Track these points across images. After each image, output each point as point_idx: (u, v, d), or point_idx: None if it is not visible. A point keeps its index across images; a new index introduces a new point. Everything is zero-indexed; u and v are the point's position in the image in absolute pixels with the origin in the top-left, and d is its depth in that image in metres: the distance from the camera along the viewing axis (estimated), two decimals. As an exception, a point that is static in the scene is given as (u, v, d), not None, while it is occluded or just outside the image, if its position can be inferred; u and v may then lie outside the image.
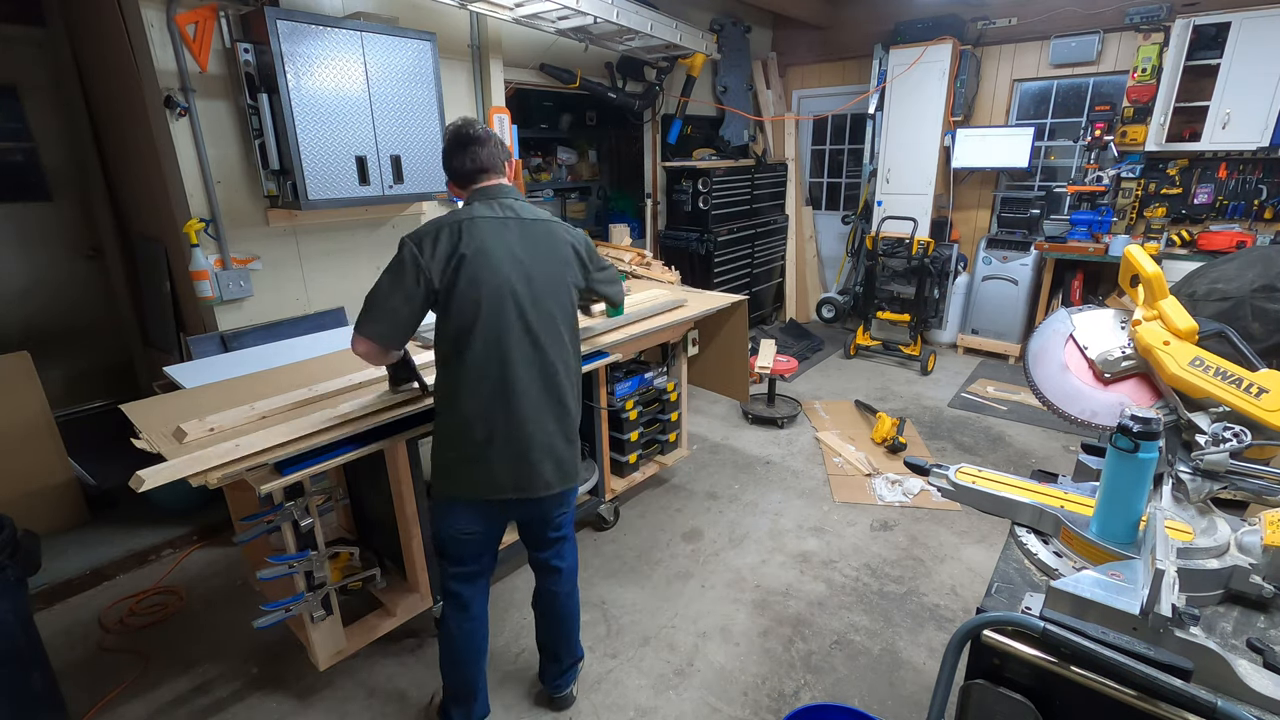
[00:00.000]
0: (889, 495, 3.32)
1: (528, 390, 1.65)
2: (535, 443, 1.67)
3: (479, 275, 1.58)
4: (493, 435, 1.65)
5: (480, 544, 1.81)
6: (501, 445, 1.65)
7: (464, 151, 1.69)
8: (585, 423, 2.83)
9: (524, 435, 1.66)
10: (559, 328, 1.70)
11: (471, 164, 1.70)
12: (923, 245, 5.01)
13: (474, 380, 1.63)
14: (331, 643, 2.07)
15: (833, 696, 2.12)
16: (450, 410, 1.68)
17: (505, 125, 3.95)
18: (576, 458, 1.80)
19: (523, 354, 1.64)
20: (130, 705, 2.13)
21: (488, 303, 1.59)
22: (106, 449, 2.71)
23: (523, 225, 1.67)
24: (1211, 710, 0.84)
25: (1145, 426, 1.10)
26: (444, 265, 1.57)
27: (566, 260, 1.74)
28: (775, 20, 6.30)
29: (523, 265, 1.63)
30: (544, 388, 1.68)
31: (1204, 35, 4.22)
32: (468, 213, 1.64)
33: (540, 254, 1.68)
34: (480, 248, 1.59)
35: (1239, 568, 1.10)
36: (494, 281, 1.59)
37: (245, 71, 2.79)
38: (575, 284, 1.76)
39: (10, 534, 1.79)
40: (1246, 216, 4.51)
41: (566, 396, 1.74)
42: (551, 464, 1.71)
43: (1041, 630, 0.95)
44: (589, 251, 1.84)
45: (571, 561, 2.00)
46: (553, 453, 1.71)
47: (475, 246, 1.58)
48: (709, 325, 3.39)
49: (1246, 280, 1.75)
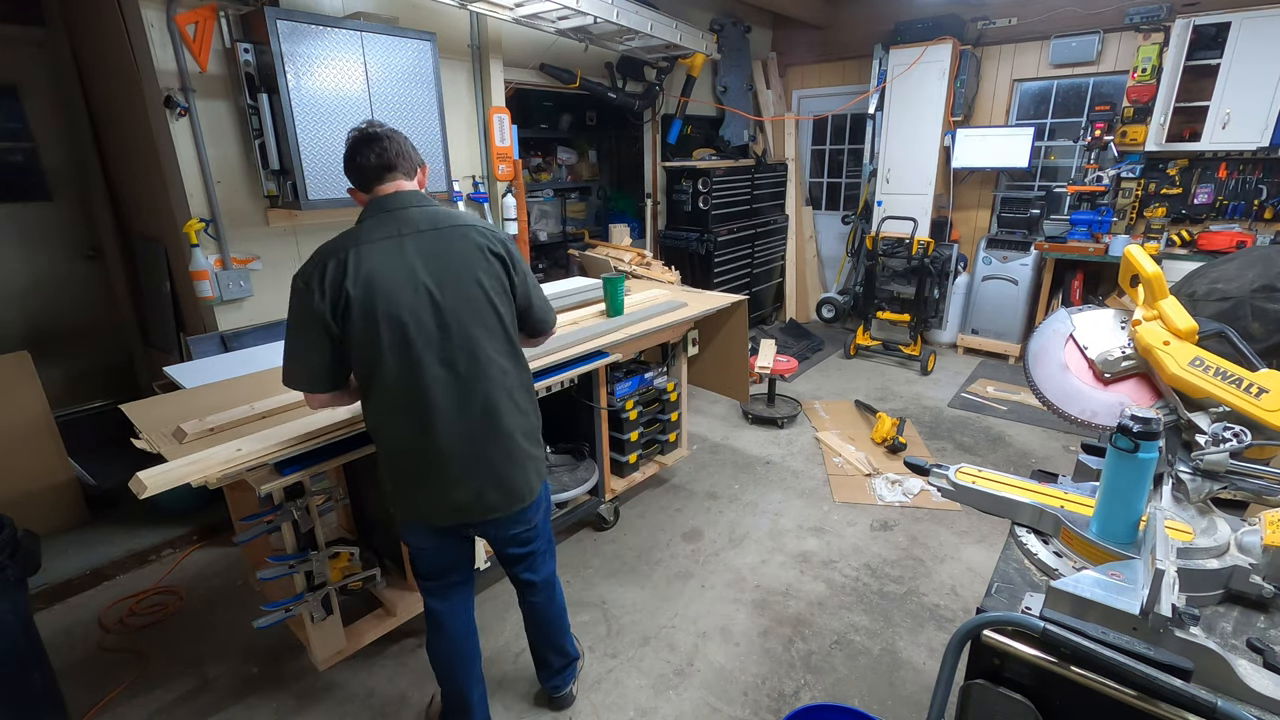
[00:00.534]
0: (889, 495, 3.32)
1: (452, 419, 1.54)
2: (470, 470, 1.58)
3: (372, 310, 1.44)
4: (421, 466, 1.57)
5: (445, 559, 1.77)
6: (434, 475, 1.57)
7: (366, 148, 1.52)
8: (585, 423, 2.87)
9: (455, 464, 1.56)
10: (482, 346, 1.54)
11: (377, 159, 1.52)
12: (923, 245, 5.01)
13: (390, 414, 1.54)
14: (331, 643, 2.07)
15: (833, 696, 2.12)
16: (378, 441, 1.62)
17: (505, 125, 3.95)
18: (528, 476, 1.67)
19: (439, 382, 1.51)
20: (130, 705, 2.13)
21: (389, 336, 1.46)
22: (106, 449, 2.71)
23: (422, 240, 1.50)
24: (1211, 710, 0.84)
25: (1145, 426, 1.10)
26: (333, 308, 1.44)
27: (483, 266, 1.55)
28: (775, 20, 6.30)
29: (426, 286, 1.48)
30: (472, 412, 1.55)
31: (1204, 35, 4.22)
32: (353, 238, 1.47)
33: (450, 266, 1.51)
34: (369, 281, 1.43)
35: (1239, 568, 1.10)
36: (392, 313, 1.45)
37: (245, 71, 2.79)
38: (500, 291, 1.58)
39: (10, 534, 1.79)
40: (1246, 216, 4.51)
41: (502, 416, 1.59)
42: (494, 488, 1.61)
43: (1041, 630, 0.95)
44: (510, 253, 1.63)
45: (545, 573, 1.92)
46: (495, 476, 1.61)
47: (364, 280, 1.43)
48: (709, 325, 3.39)
49: (1246, 280, 1.75)
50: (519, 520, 1.73)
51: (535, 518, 1.78)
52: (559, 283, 3.51)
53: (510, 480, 1.63)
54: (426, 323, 1.48)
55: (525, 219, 4.21)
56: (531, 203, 4.99)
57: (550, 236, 5.24)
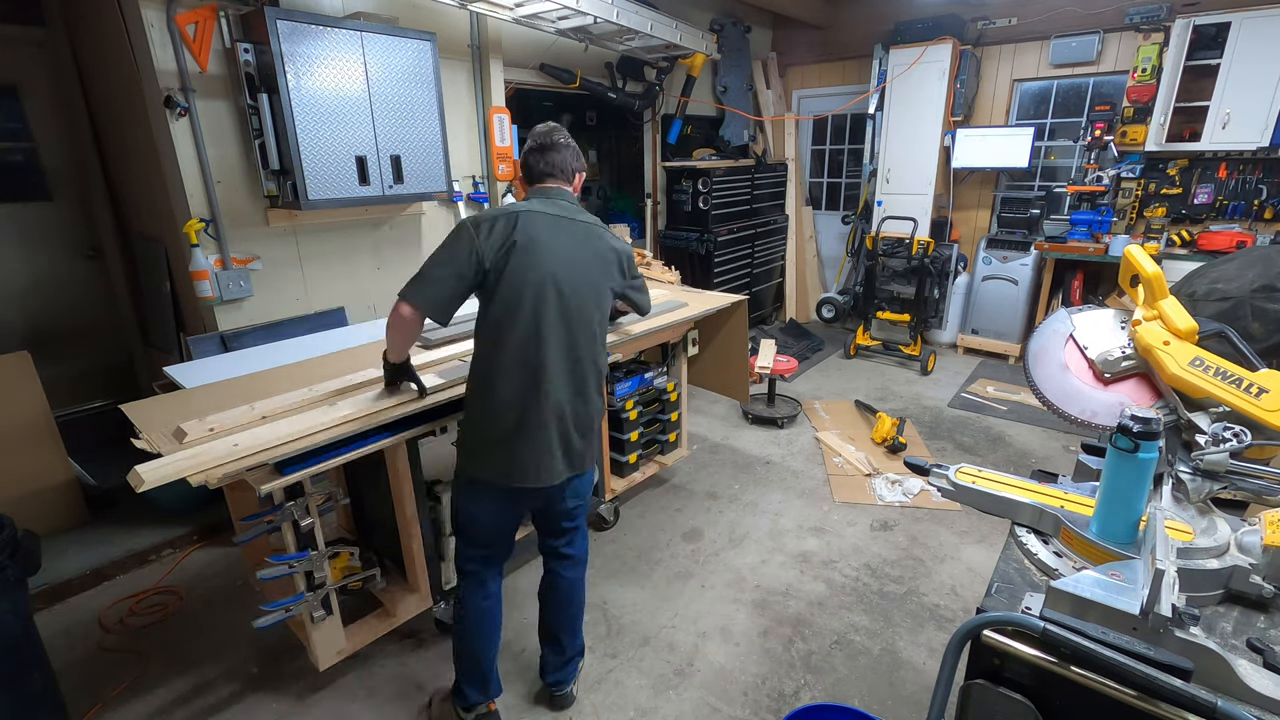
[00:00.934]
0: (889, 495, 3.32)
1: (557, 379, 1.72)
2: (557, 432, 1.74)
3: (527, 262, 1.66)
4: (522, 422, 1.71)
5: (497, 528, 1.88)
6: (529, 432, 1.71)
7: (541, 155, 1.82)
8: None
9: (549, 423, 1.72)
10: (593, 324, 1.78)
11: (544, 167, 1.82)
12: (923, 245, 5.01)
13: (510, 366, 1.69)
14: (331, 643, 2.07)
15: (833, 696, 2.12)
16: (484, 396, 1.74)
17: (505, 125, 3.95)
18: (590, 449, 1.87)
19: (558, 343, 1.71)
20: (130, 705, 2.13)
21: (532, 289, 1.66)
22: (106, 449, 2.71)
23: (574, 225, 1.77)
24: (1211, 710, 0.84)
25: (1145, 426, 1.10)
26: (498, 248, 1.65)
27: (608, 264, 1.82)
28: (775, 20, 6.30)
29: (568, 261, 1.72)
30: (573, 378, 1.75)
31: (1204, 35, 4.22)
32: (525, 206, 1.74)
33: (586, 254, 1.76)
34: (532, 237, 1.67)
35: (1239, 568, 1.10)
36: (540, 270, 1.67)
37: (245, 71, 2.79)
38: (612, 287, 1.85)
39: (10, 534, 1.79)
40: (1246, 216, 4.51)
41: (589, 389, 1.80)
42: (564, 452, 1.78)
43: (1041, 630, 0.95)
44: (629, 262, 1.93)
45: (581, 551, 2.05)
46: (568, 442, 1.78)
47: (528, 236, 1.67)
48: (709, 325, 3.39)
49: (1246, 280, 1.75)
50: (577, 491, 1.91)
51: (587, 493, 1.98)
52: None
53: (580, 450, 1.82)
54: (566, 293, 1.70)
55: (525, 219, 4.21)
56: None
57: (550, 236, 5.24)
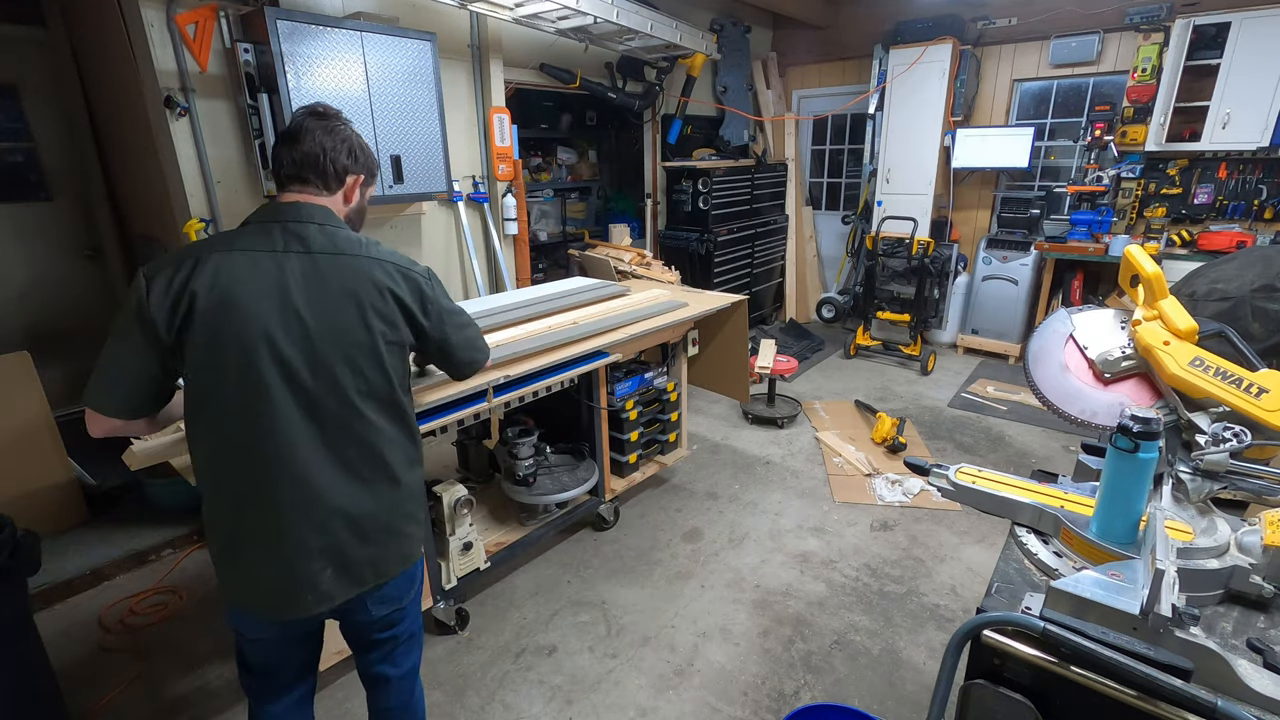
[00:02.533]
0: (889, 495, 3.32)
1: (302, 477, 1.24)
2: (317, 545, 1.27)
3: (220, 327, 1.17)
4: (245, 535, 1.27)
5: (285, 654, 1.45)
6: (259, 548, 1.27)
7: (288, 147, 1.29)
8: (585, 423, 2.87)
9: (301, 536, 1.26)
10: (355, 398, 1.27)
11: (289, 167, 1.30)
12: (923, 245, 5.01)
13: (223, 460, 1.25)
14: (331, 643, 2.06)
15: (833, 696, 2.12)
16: (204, 492, 1.29)
17: (505, 125, 3.95)
18: (393, 550, 1.38)
19: (294, 430, 1.23)
20: (130, 705, 2.13)
21: (237, 362, 1.19)
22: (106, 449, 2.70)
23: (312, 262, 1.23)
24: (1211, 710, 0.84)
25: (1145, 426, 1.10)
26: (171, 312, 1.16)
27: (377, 307, 1.28)
28: (775, 20, 6.30)
29: (299, 313, 1.21)
30: (328, 474, 1.27)
31: (1204, 35, 4.22)
32: (226, 241, 1.22)
33: (331, 300, 1.23)
34: (228, 292, 1.17)
35: (1239, 568, 1.10)
36: (247, 335, 1.18)
37: (245, 71, 2.79)
38: (391, 340, 1.31)
39: (10, 534, 1.79)
40: (1246, 216, 4.51)
41: (379, 477, 1.33)
42: (334, 570, 1.29)
43: (1041, 630, 0.95)
44: (421, 296, 1.36)
45: (407, 667, 1.56)
46: (338, 555, 1.29)
47: (222, 288, 1.17)
48: (709, 325, 3.39)
49: (1246, 280, 1.75)
50: (384, 599, 1.41)
51: (405, 597, 1.47)
52: (559, 283, 3.51)
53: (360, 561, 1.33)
54: (290, 356, 1.21)
55: (525, 219, 4.21)
56: (531, 203, 4.99)
57: (550, 236, 5.24)
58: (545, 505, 2.78)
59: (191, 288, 1.16)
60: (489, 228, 4.07)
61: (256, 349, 1.19)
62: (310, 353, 1.23)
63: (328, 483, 1.27)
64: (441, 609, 2.36)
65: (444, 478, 2.44)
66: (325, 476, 1.27)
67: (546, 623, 2.46)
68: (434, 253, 3.86)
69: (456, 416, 2.07)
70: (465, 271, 4.05)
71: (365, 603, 1.39)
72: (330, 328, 1.24)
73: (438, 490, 2.31)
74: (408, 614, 1.51)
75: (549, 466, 2.84)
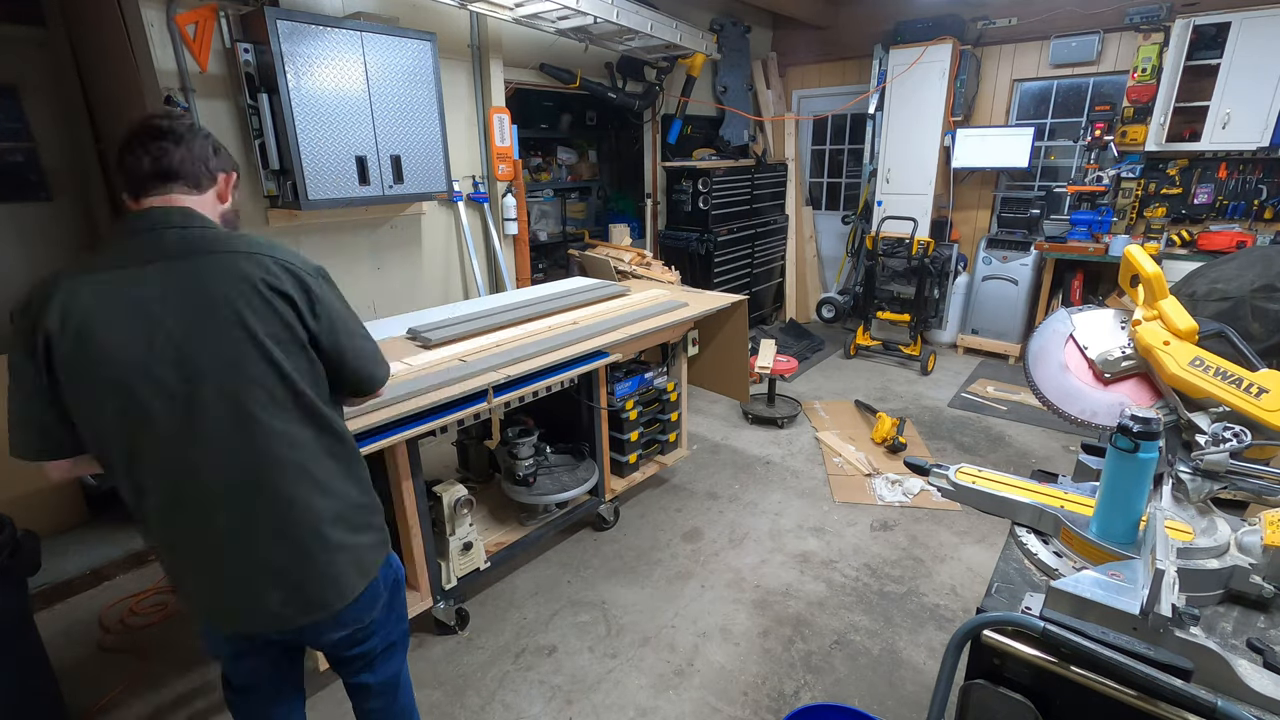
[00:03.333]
0: (889, 495, 3.32)
1: (213, 511, 1.15)
2: (242, 571, 1.19)
3: (84, 371, 1.07)
4: (184, 562, 1.21)
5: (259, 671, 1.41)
6: (199, 574, 1.21)
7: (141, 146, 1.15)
8: (585, 423, 2.87)
9: (220, 564, 1.18)
10: (255, 413, 1.13)
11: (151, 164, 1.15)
12: (923, 245, 5.01)
13: (138, 498, 1.15)
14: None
15: (833, 696, 2.12)
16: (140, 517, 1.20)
17: (505, 125, 3.95)
18: (339, 572, 1.25)
19: (191, 465, 1.13)
20: (130, 705, 2.13)
21: (113, 406, 1.08)
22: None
23: (171, 272, 1.10)
24: (1211, 710, 0.84)
25: (1145, 426, 1.10)
26: (31, 356, 1.07)
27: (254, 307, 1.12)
28: (775, 20, 6.30)
29: (169, 336, 1.09)
30: (244, 502, 1.16)
31: (1204, 35, 4.22)
32: (80, 266, 1.10)
33: (203, 309, 1.10)
34: (80, 327, 1.05)
35: (1239, 568, 1.10)
36: (115, 376, 1.07)
37: (245, 71, 2.79)
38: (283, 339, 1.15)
39: (10, 534, 1.79)
40: (1246, 216, 4.51)
41: (293, 502, 1.19)
42: (281, 592, 1.21)
43: (1041, 630, 0.95)
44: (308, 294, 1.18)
45: (387, 674, 1.50)
46: (282, 577, 1.20)
47: (71, 327, 1.05)
48: (709, 325, 3.39)
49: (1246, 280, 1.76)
50: (342, 622, 1.31)
51: (368, 616, 1.36)
52: (559, 283, 3.51)
53: (311, 582, 1.23)
54: (170, 385, 1.09)
55: (525, 219, 4.21)
56: (532, 203, 4.99)
57: (550, 236, 5.25)
58: (545, 505, 2.78)
59: (45, 328, 1.04)
60: (489, 228, 4.07)
61: (127, 383, 1.07)
62: (191, 374, 1.09)
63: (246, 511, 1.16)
64: (441, 609, 2.36)
65: (444, 478, 2.44)
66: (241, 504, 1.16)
67: (546, 623, 2.46)
68: (434, 253, 3.87)
69: (456, 416, 2.07)
70: (465, 272, 4.05)
71: (319, 629, 1.29)
72: (207, 340, 1.10)
73: (438, 490, 2.31)
74: (377, 630, 1.41)
75: (549, 466, 2.84)
